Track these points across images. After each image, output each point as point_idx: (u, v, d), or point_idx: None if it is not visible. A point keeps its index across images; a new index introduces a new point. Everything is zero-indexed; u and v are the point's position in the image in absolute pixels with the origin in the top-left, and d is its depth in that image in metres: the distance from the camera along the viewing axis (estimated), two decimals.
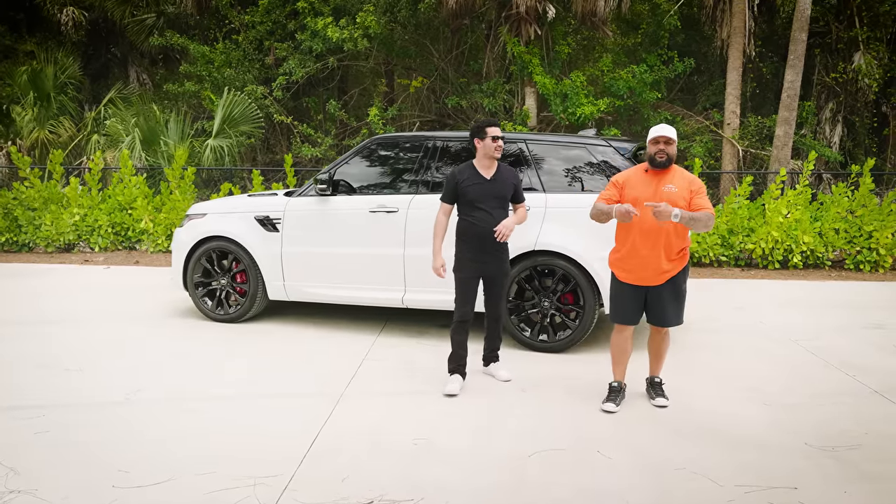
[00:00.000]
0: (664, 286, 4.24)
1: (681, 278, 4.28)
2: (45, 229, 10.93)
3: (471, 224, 4.62)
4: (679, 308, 4.33)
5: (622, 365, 4.51)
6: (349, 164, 6.23)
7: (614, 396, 4.43)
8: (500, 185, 4.64)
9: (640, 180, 4.23)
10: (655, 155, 4.15)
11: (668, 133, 4.13)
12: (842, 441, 3.89)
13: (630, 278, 4.28)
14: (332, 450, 3.76)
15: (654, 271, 4.19)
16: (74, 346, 5.73)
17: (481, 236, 4.59)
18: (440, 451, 3.76)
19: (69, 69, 15.65)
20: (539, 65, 12.66)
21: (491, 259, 4.67)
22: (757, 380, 4.97)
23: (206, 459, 3.60)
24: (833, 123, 14.16)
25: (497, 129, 4.59)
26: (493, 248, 4.64)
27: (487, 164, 4.64)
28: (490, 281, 4.75)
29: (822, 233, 9.90)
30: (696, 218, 3.97)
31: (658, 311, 4.30)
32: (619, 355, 4.49)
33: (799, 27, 11.59)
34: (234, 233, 6.38)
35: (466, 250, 4.65)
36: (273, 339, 6.04)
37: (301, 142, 14.33)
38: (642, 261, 4.19)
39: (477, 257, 4.64)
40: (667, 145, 4.13)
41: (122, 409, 4.33)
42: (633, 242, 4.20)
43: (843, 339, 6.09)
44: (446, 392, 4.62)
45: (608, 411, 4.33)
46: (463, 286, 4.67)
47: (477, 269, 4.67)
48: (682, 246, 4.22)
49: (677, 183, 4.15)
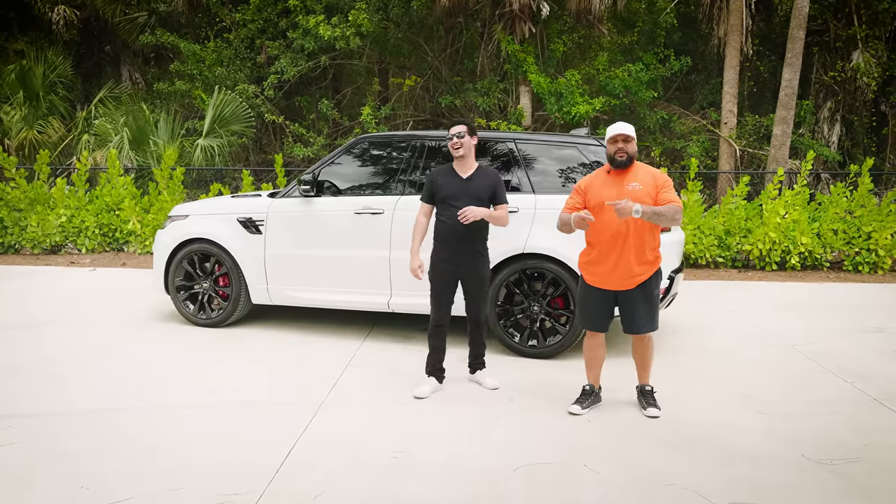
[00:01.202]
0: (635, 291, 4.09)
1: (653, 282, 4.13)
2: (30, 230, 10.75)
3: (444, 223, 4.50)
4: (652, 313, 4.16)
5: (595, 370, 4.38)
6: (334, 165, 6.07)
7: (583, 399, 4.32)
8: (477, 184, 4.47)
9: (603, 182, 4.11)
10: (615, 154, 4.03)
11: (626, 131, 4.01)
12: (840, 453, 3.73)
13: (599, 282, 4.15)
14: (308, 463, 3.59)
15: (625, 275, 4.05)
16: (49, 351, 5.56)
17: (454, 236, 4.45)
18: (420, 464, 3.59)
19: (59, 68, 15.47)
20: (534, 63, 12.50)
21: (465, 261, 4.50)
22: (752, 387, 4.81)
23: (174, 474, 3.43)
24: (831, 123, 14.02)
25: (457, 128, 4.44)
26: (467, 250, 4.49)
27: (462, 164, 4.52)
28: (466, 284, 4.59)
29: (821, 233, 9.75)
30: (660, 213, 3.83)
31: (630, 316, 4.15)
32: (591, 360, 4.36)
33: (797, 25, 11.44)
34: (216, 235, 6.21)
35: (440, 251, 4.53)
36: (256, 344, 5.87)
37: (293, 141, 14.16)
38: (612, 264, 4.06)
39: (451, 258, 4.50)
40: (626, 143, 4.01)
41: (94, 418, 4.16)
42: (603, 246, 4.08)
43: (842, 344, 5.93)
44: (415, 394, 4.54)
45: (572, 413, 4.24)
46: (436, 289, 4.56)
47: (451, 271, 4.52)
48: (653, 248, 4.07)
49: (641, 180, 4.02)
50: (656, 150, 13.45)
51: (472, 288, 4.58)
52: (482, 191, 4.47)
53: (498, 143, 5.76)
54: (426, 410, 4.35)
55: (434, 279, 4.56)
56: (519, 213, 5.41)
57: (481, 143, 5.81)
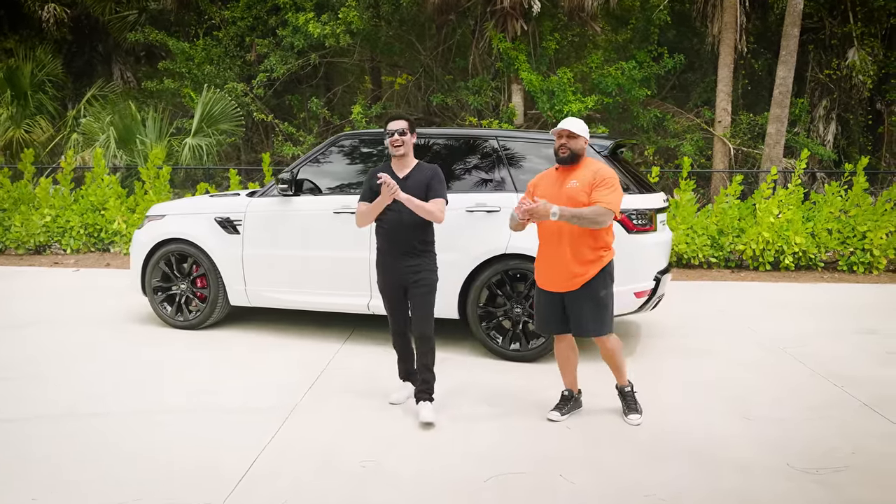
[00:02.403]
0: (579, 292, 3.92)
1: (598, 283, 3.92)
2: (14, 230, 10.59)
3: (381, 227, 4.17)
4: (599, 316, 3.94)
5: (570, 374, 4.23)
6: (313, 163, 5.92)
7: (562, 405, 4.19)
8: (413, 184, 4.06)
9: (550, 180, 4.02)
10: (558, 150, 3.92)
11: (571, 126, 3.87)
12: (827, 462, 3.58)
13: (544, 283, 4.03)
14: (273, 472, 3.44)
15: (564, 275, 3.91)
16: (20, 353, 5.40)
17: (391, 239, 4.11)
18: (389, 473, 3.44)
19: (48, 66, 15.30)
20: (525, 61, 12.35)
21: (405, 268, 4.10)
22: (739, 392, 4.66)
23: (131, 484, 3.28)
24: (827, 121, 13.89)
25: (394, 123, 4.08)
26: (405, 254, 4.09)
27: (397, 162, 4.17)
28: (410, 293, 4.14)
29: (815, 233, 9.61)
30: (578, 215, 3.70)
31: (576, 319, 3.99)
32: (563, 364, 4.22)
33: (791, 22, 11.30)
34: (193, 235, 6.07)
35: (382, 258, 4.20)
36: (233, 346, 5.73)
37: (283, 140, 14.01)
38: (551, 264, 3.94)
39: (390, 263, 4.14)
40: (570, 139, 3.87)
41: (58, 423, 4.01)
42: (543, 245, 3.99)
43: (834, 346, 5.79)
44: (390, 401, 4.41)
45: (551, 419, 4.10)
46: (383, 297, 4.29)
47: (391, 278, 4.17)
48: (595, 247, 3.91)
49: (581, 177, 3.88)
50: (650, 148, 13.31)
51: (416, 297, 4.11)
52: (419, 189, 4.06)
53: (480, 140, 5.61)
54: (401, 416, 4.21)
55: (381, 288, 4.27)
56: (501, 211, 5.27)
57: (464, 140, 5.69)
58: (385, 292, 4.25)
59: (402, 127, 4.10)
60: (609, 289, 3.98)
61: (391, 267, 4.15)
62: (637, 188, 5.33)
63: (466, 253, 5.30)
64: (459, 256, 5.30)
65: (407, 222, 4.06)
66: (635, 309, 5.28)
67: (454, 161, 5.64)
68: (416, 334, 4.17)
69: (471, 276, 5.34)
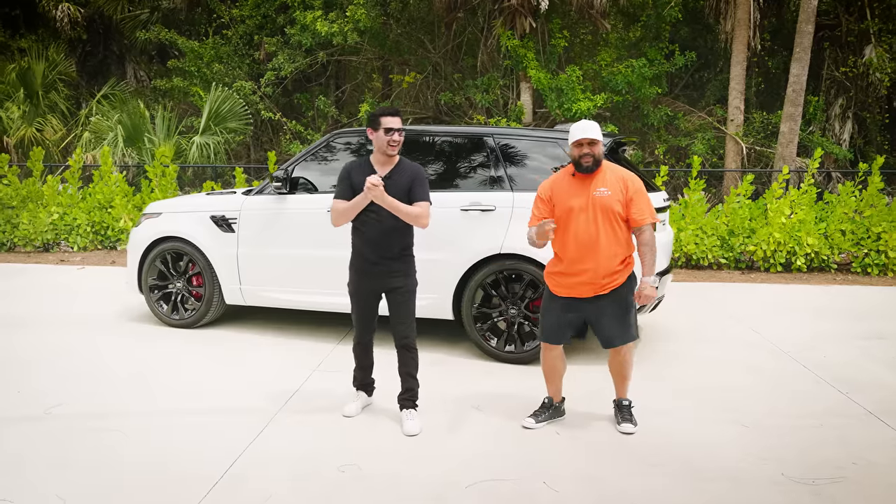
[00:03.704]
0: (605, 301, 3.79)
1: (625, 289, 3.82)
2: (22, 228, 10.65)
3: (357, 230, 3.95)
4: (625, 323, 3.84)
5: (555, 383, 4.08)
6: (308, 161, 5.84)
7: (540, 412, 4.05)
8: (395, 185, 3.83)
9: (568, 187, 3.80)
10: (581, 160, 3.70)
11: (591, 133, 3.66)
12: (824, 472, 3.44)
13: (567, 290, 3.83)
14: (248, 477, 3.36)
15: (593, 285, 3.76)
16: (8, 352, 5.38)
17: (370, 243, 3.88)
18: (368, 479, 3.35)
19: (60, 66, 15.41)
20: (534, 59, 12.21)
21: (386, 274, 3.91)
22: (738, 397, 4.52)
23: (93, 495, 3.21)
24: (843, 120, 13.60)
25: (394, 120, 3.83)
26: (385, 258, 3.89)
27: (383, 161, 3.91)
28: (388, 298, 3.98)
29: (828, 234, 9.38)
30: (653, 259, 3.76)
31: (602, 329, 3.86)
32: (549, 373, 4.06)
33: (805, 18, 11.07)
34: (188, 233, 6.02)
35: (358, 262, 3.98)
36: (227, 346, 5.67)
37: (291, 139, 13.99)
38: (579, 271, 3.76)
39: (369, 270, 3.93)
40: (591, 146, 3.68)
41: (33, 424, 3.96)
42: (569, 252, 3.77)
43: (840, 351, 5.61)
44: (343, 413, 4.14)
45: (526, 427, 3.97)
46: (353, 303, 4.06)
47: (369, 284, 3.97)
48: (623, 255, 3.78)
49: (610, 184, 3.73)
50: (660, 147, 13.11)
51: (396, 304, 3.95)
52: (401, 190, 3.84)
53: (475, 137, 5.50)
54: (385, 419, 4.11)
55: (352, 292, 4.04)
56: (496, 211, 5.17)
57: (458, 137, 5.59)
58: (358, 298, 4.03)
59: (400, 124, 3.89)
60: (633, 293, 3.86)
61: (369, 272, 3.94)
62: None
63: (461, 253, 5.19)
64: (453, 256, 5.20)
65: (388, 226, 3.85)
66: None
67: (448, 158, 5.54)
68: (400, 343, 4.00)
69: (465, 276, 5.24)
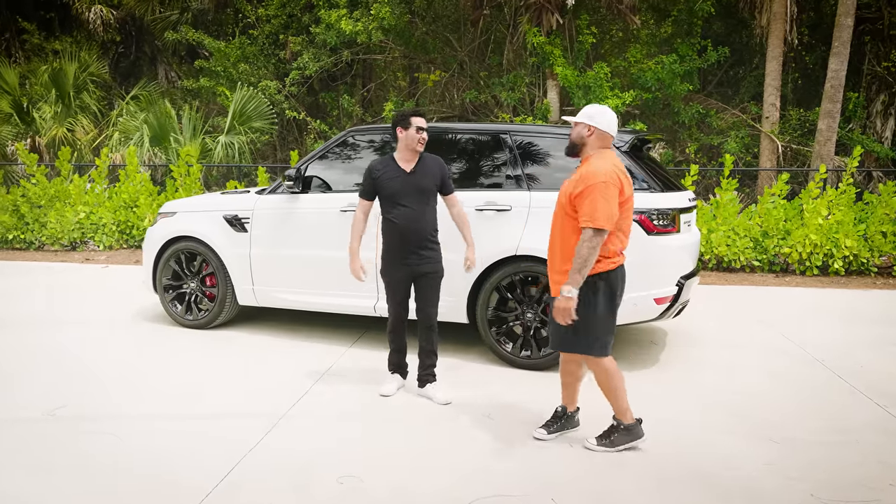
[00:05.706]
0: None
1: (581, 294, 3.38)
2: (50, 227, 10.77)
3: (391, 223, 4.26)
4: (569, 329, 3.41)
5: (569, 389, 3.82)
6: (321, 160, 5.72)
7: (552, 423, 3.81)
8: (422, 177, 4.23)
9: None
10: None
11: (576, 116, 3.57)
12: (857, 494, 3.18)
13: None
14: (242, 487, 3.23)
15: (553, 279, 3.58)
16: (15, 351, 5.36)
17: (404, 235, 4.22)
18: (367, 492, 3.20)
19: (91, 67, 15.61)
20: (561, 56, 11.96)
21: (417, 259, 4.25)
22: (766, 409, 4.25)
23: (86, 495, 3.12)
24: (885, 117, 13.06)
25: (423, 121, 4.22)
26: (418, 247, 4.24)
27: (408, 157, 4.27)
28: (418, 283, 4.33)
29: (868, 236, 8.97)
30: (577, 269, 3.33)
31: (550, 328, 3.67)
32: (564, 377, 3.81)
33: (844, 11, 10.63)
34: (202, 233, 5.95)
35: (390, 251, 4.30)
36: (239, 348, 5.58)
37: (315, 138, 13.95)
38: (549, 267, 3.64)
39: (401, 258, 4.26)
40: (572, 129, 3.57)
41: (33, 426, 3.90)
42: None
43: (878, 360, 5.29)
44: (380, 392, 4.45)
45: (537, 438, 3.77)
46: (390, 289, 4.36)
47: (403, 270, 4.29)
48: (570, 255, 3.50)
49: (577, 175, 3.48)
50: (692, 146, 12.74)
51: (425, 287, 4.32)
52: (429, 182, 4.25)
53: (489, 134, 5.31)
54: (391, 427, 3.96)
55: (388, 280, 4.37)
56: (512, 210, 4.98)
57: (473, 135, 5.42)
58: (391, 285, 4.33)
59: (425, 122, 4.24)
60: (596, 303, 3.44)
61: (402, 261, 4.24)
62: (659, 187, 4.94)
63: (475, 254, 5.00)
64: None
65: (419, 216, 4.21)
66: (656, 316, 4.90)
67: (463, 156, 5.36)
68: (426, 324, 4.35)
69: (480, 278, 5.05)
